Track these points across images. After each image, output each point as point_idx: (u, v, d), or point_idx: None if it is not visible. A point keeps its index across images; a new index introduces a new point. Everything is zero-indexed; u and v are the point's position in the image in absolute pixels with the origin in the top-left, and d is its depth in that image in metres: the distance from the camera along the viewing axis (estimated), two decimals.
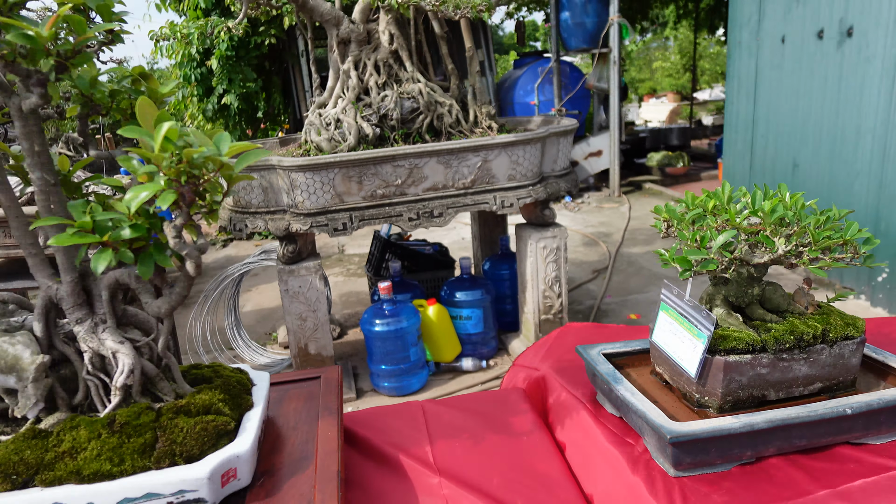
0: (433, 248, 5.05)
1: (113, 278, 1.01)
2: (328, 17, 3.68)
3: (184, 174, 0.81)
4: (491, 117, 3.90)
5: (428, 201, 3.67)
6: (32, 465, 0.95)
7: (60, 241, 0.85)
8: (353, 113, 3.67)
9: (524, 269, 4.10)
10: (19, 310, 1.10)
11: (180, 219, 0.86)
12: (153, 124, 0.83)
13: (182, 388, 1.08)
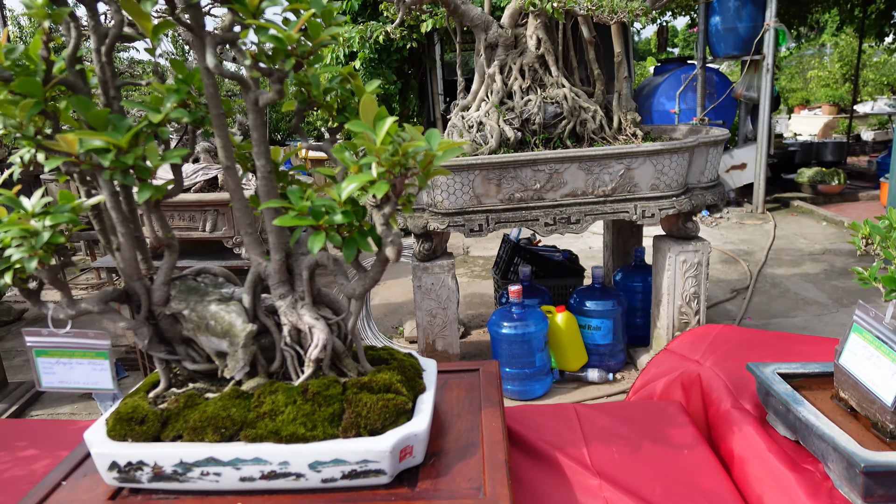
0: (563, 254, 5.01)
1: (313, 260, 1.10)
2: (478, 22, 3.76)
3: (398, 166, 0.87)
4: (636, 124, 3.80)
5: (566, 207, 3.64)
6: (237, 421, 1.06)
7: (283, 222, 0.94)
8: (496, 116, 3.73)
9: (660, 282, 3.96)
10: (227, 283, 1.23)
11: (389, 208, 0.93)
12: (373, 120, 0.90)
13: (364, 367, 1.16)
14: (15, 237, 0.93)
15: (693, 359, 1.51)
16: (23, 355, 4.97)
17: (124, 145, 0.88)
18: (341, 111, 1.10)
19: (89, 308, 1.05)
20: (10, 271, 1.00)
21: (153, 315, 1.12)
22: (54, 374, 1.16)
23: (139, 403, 1.11)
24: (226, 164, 1.03)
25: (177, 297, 1.12)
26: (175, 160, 0.90)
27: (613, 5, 2.81)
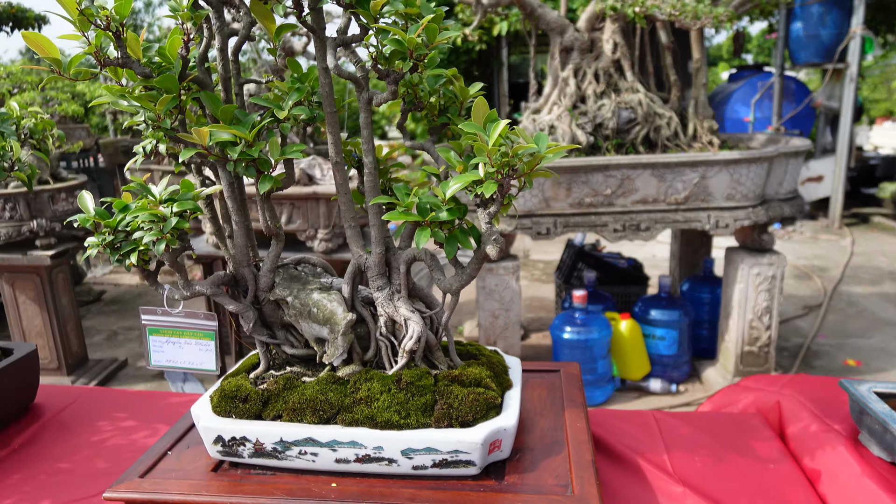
0: (628, 262, 4.94)
1: (411, 255, 1.14)
2: (554, 26, 3.75)
3: (507, 167, 0.90)
4: (713, 132, 3.72)
5: (636, 214, 3.60)
6: (335, 405, 1.11)
7: (393, 217, 0.99)
8: (569, 120, 3.71)
9: (731, 295, 3.85)
10: (324, 273, 1.29)
11: (494, 207, 0.96)
12: (484, 122, 0.93)
13: (454, 360, 1.19)
14: (144, 221, 1.01)
15: (770, 390, 1.48)
16: (102, 333, 5.25)
17: (250, 139, 0.94)
18: (443, 112, 1.14)
19: (203, 291, 1.12)
20: (136, 252, 1.07)
21: (258, 300, 1.18)
22: (163, 352, 1.24)
23: (241, 383, 1.17)
24: (335, 160, 1.08)
25: (281, 285, 1.18)
26: (296, 155, 0.96)
27: (697, 11, 2.77)
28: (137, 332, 5.27)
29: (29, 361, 1.57)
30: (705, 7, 2.83)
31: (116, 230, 1.07)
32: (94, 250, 1.06)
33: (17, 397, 1.57)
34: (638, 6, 2.90)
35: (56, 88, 4.77)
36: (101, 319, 5.56)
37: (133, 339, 5.13)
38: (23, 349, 1.57)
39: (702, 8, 2.80)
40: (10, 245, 3.57)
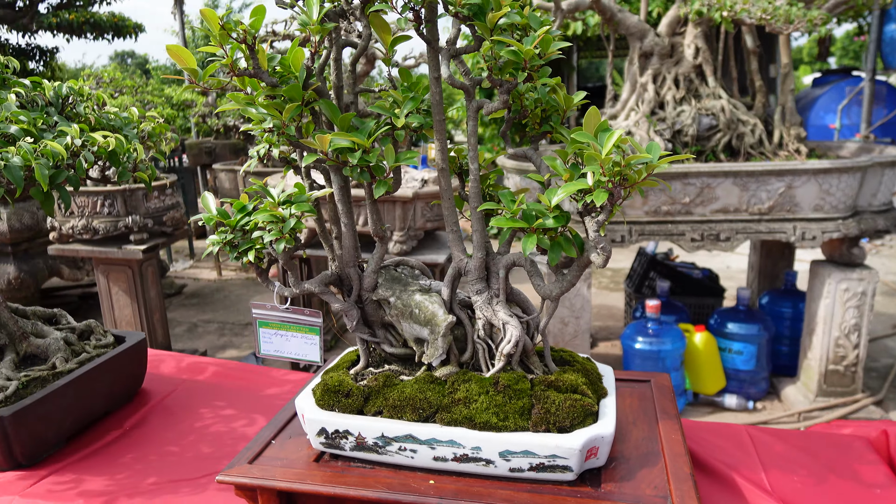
0: (703, 272, 4.80)
1: (510, 260, 1.17)
2: (634, 31, 3.70)
3: (618, 176, 0.91)
4: (800, 140, 3.58)
5: (715, 223, 3.50)
6: (434, 404, 1.15)
7: (500, 223, 1.01)
8: (646, 126, 3.66)
9: (815, 310, 3.70)
10: (421, 275, 1.32)
11: (603, 215, 0.97)
12: (595, 131, 0.94)
13: (549, 366, 1.21)
14: (265, 222, 1.07)
15: (872, 426, 1.42)
16: (183, 325, 5.51)
17: (368, 146, 0.98)
18: (545, 120, 1.15)
19: (311, 289, 1.18)
20: (253, 251, 1.14)
21: (361, 299, 1.23)
22: (271, 343, 1.31)
23: (343, 378, 1.22)
24: (441, 167, 1.11)
25: (383, 285, 1.22)
26: (411, 161, 1.00)
27: (790, 14, 2.67)
28: (216, 325, 5.51)
29: (139, 349, 1.68)
30: (798, 10, 2.74)
31: (235, 229, 1.14)
32: (216, 248, 1.13)
33: (128, 382, 1.68)
34: (726, 10, 2.83)
35: (147, 92, 5.05)
36: (182, 312, 5.83)
37: (211, 331, 5.37)
38: (134, 338, 1.68)
39: (795, 11, 2.71)
40: (106, 239, 3.80)
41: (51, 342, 1.57)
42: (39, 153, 1.20)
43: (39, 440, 1.41)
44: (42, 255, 4.58)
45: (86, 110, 1.46)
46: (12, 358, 1.51)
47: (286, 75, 1.07)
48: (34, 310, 1.71)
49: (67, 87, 1.46)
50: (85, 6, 5.22)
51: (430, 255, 3.40)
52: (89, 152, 1.28)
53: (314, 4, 0.94)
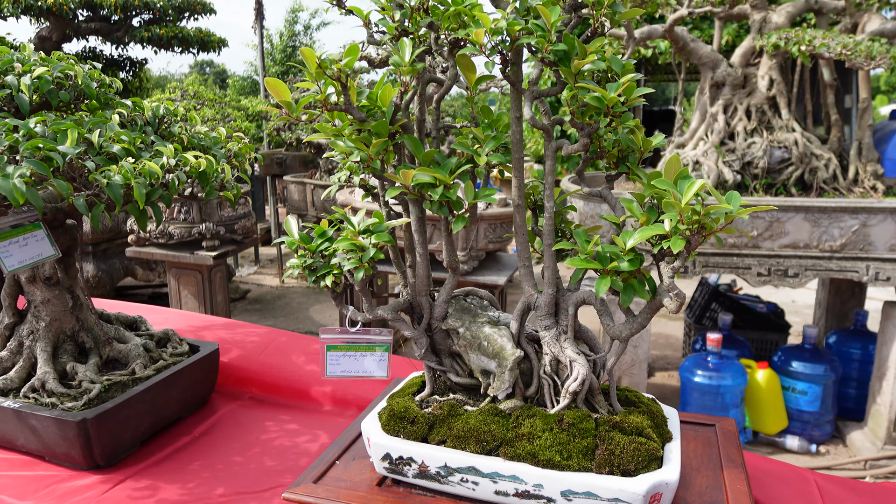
0: (767, 307, 4.65)
1: (581, 298, 1.17)
2: (706, 60, 3.65)
3: (696, 224, 0.91)
4: (877, 177, 3.45)
5: (784, 259, 3.39)
6: (497, 437, 1.16)
7: (574, 264, 1.02)
8: (715, 157, 3.58)
9: (887, 354, 3.53)
10: (490, 306, 1.34)
11: (679, 262, 0.97)
12: (675, 178, 0.94)
13: (615, 407, 1.20)
14: (346, 250, 1.11)
15: None
16: None
17: (449, 182, 1.01)
18: (622, 160, 1.16)
19: (384, 315, 1.21)
20: (331, 276, 1.18)
21: (430, 328, 1.26)
22: (338, 364, 1.35)
23: (409, 405, 1.25)
24: (517, 203, 1.13)
25: (453, 315, 1.24)
26: (490, 199, 1.02)
27: (872, 51, 2.59)
28: None
29: (212, 359, 1.76)
30: (881, 46, 2.64)
31: (315, 254, 1.19)
32: (296, 271, 1.18)
33: (200, 390, 1.76)
34: (804, 45, 2.76)
35: (226, 103, 5.28)
36: (245, 316, 6.02)
37: None
38: (207, 347, 1.76)
39: (877, 48, 2.62)
40: (180, 244, 3.98)
41: (131, 348, 1.66)
42: (138, 172, 1.28)
43: (117, 442, 1.49)
44: (119, 255, 4.83)
45: (179, 130, 1.55)
46: (96, 361, 1.61)
47: (374, 109, 1.11)
48: (118, 315, 1.82)
49: (164, 107, 1.56)
50: (174, 21, 5.54)
51: (490, 277, 3.41)
52: (182, 172, 1.36)
53: (406, 47, 0.98)
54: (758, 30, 3.61)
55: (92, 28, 5.83)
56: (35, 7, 5.16)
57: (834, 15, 3.73)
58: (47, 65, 1.47)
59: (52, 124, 1.31)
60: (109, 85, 1.63)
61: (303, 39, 14.84)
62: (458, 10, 0.97)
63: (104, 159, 1.32)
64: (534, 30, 0.96)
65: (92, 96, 1.57)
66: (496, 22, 0.94)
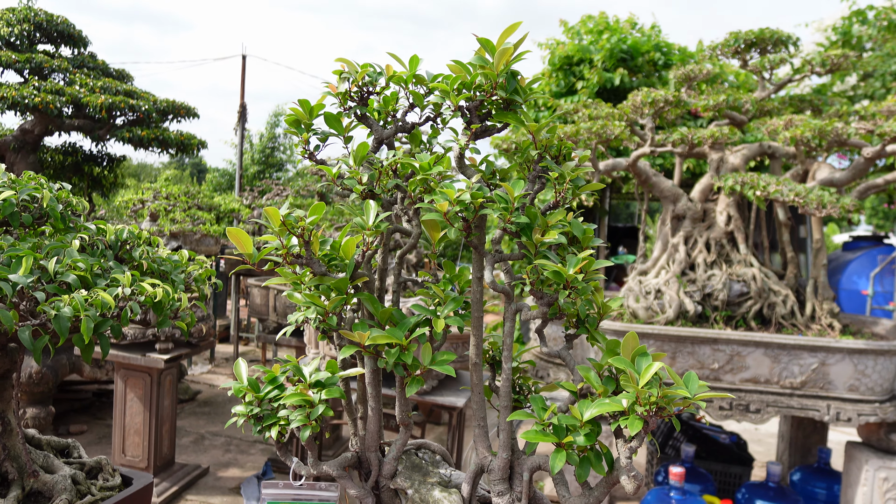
0: (730, 438, 4.60)
1: (536, 463, 1.13)
2: (668, 194, 3.82)
3: (654, 406, 0.90)
4: (833, 315, 3.55)
5: (745, 393, 3.40)
6: None
7: (531, 438, 0.99)
8: (677, 287, 3.67)
9: (851, 497, 3.48)
10: (442, 462, 1.29)
11: (636, 442, 0.95)
12: (632, 356, 0.94)
13: None
14: (294, 404, 1.07)
15: None
16: (190, 435, 5.40)
17: (405, 343, 1.00)
18: (581, 323, 1.16)
19: (329, 471, 1.15)
20: (276, 427, 1.13)
21: (378, 486, 1.20)
22: None
23: None
24: (474, 362, 1.12)
25: (402, 474, 1.19)
26: (445, 369, 1.00)
27: (823, 200, 2.74)
28: (223, 438, 5.38)
29: (144, 494, 1.64)
30: (831, 196, 2.80)
31: (263, 402, 1.14)
32: (241, 420, 1.13)
33: None
34: (759, 190, 2.92)
35: (198, 200, 5.29)
36: (192, 420, 5.73)
37: (218, 445, 5.24)
38: (141, 481, 1.65)
39: (827, 197, 2.77)
40: (132, 345, 3.83)
41: (58, 479, 1.54)
42: (90, 303, 1.24)
43: None
44: (66, 351, 4.63)
45: (140, 254, 1.52)
46: (17, 495, 1.48)
47: (335, 259, 1.11)
48: (49, 440, 1.70)
49: (128, 231, 1.54)
50: (157, 123, 5.68)
51: (450, 398, 3.34)
52: (136, 303, 1.32)
53: (371, 209, 1.00)
54: (715, 169, 3.82)
55: (75, 125, 5.92)
56: (21, 104, 5.24)
57: (786, 159, 3.98)
58: (15, 188, 1.46)
59: (7, 250, 1.27)
60: (76, 205, 1.61)
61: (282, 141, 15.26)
62: (424, 177, 0.99)
63: (56, 287, 1.28)
64: (497, 201, 0.99)
65: (56, 218, 1.55)
66: (461, 192, 0.96)
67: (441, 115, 1.16)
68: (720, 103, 3.69)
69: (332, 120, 1.16)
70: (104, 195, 6.75)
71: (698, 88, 4.51)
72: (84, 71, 6.09)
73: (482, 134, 1.08)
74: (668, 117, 4.41)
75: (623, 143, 4.12)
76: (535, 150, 1.05)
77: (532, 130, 1.00)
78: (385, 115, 1.20)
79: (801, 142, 3.17)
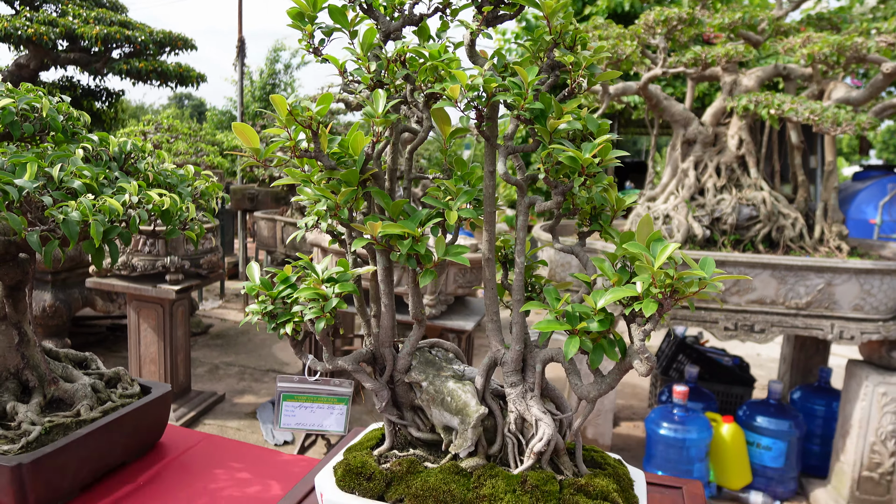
0: (733, 360, 4.68)
1: (549, 355, 1.15)
2: (678, 118, 3.74)
3: (669, 288, 0.90)
4: (842, 237, 3.53)
5: (750, 314, 3.43)
6: (457, 498, 1.11)
7: (543, 327, 1.00)
8: (686, 211, 3.64)
9: (850, 412, 3.56)
10: (455, 359, 1.31)
11: (650, 325, 0.96)
12: (647, 241, 0.94)
13: (580, 468, 1.17)
14: (307, 298, 1.07)
15: None
16: (205, 366, 5.52)
17: (417, 235, 0.99)
18: (595, 218, 1.15)
19: (344, 366, 1.17)
20: (291, 324, 1.14)
21: (393, 380, 1.22)
22: (293, 416, 1.30)
23: (366, 459, 1.19)
24: (487, 257, 1.12)
25: (417, 368, 1.21)
26: (459, 258, 1.00)
27: (839, 118, 2.68)
28: (237, 367, 5.51)
29: (163, 401, 1.68)
30: (847, 114, 2.74)
31: (276, 300, 1.15)
32: (255, 317, 1.14)
33: (148, 435, 1.68)
34: (773, 108, 2.85)
35: (201, 137, 5.24)
36: (206, 352, 5.86)
37: (232, 374, 5.36)
38: (159, 389, 1.68)
39: (843, 115, 2.71)
40: (143, 277, 3.87)
41: (78, 388, 1.58)
42: (98, 209, 1.23)
43: (54, 489, 1.40)
44: (79, 285, 4.68)
45: (145, 167, 1.51)
46: (38, 401, 1.52)
47: (344, 157, 1.09)
48: (66, 352, 1.73)
49: (132, 143, 1.52)
50: (154, 56, 5.53)
51: (458, 322, 3.38)
52: (144, 210, 1.32)
53: (380, 98, 0.97)
54: (728, 91, 3.73)
55: (71, 58, 5.79)
56: (15, 36, 5.10)
57: (801, 81, 3.87)
58: (13, 96, 1.43)
59: (11, 157, 1.26)
60: (77, 118, 1.59)
61: (283, 77, 14.94)
62: (434, 64, 0.96)
63: (63, 194, 1.27)
64: (510, 87, 0.96)
65: (57, 129, 1.52)
66: (472, 78, 0.93)
67: (450, 5, 1.11)
68: (735, 21, 3.57)
69: (337, 13, 1.11)
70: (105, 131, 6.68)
71: (713, 7, 4.35)
72: (76, 1, 5.91)
73: (494, 20, 1.04)
74: (680, 39, 4.27)
75: (633, 68, 4.01)
76: (549, 35, 1.02)
77: (546, 12, 0.96)
78: (392, 7, 1.16)
79: (819, 59, 3.07)
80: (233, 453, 1.74)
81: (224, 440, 1.81)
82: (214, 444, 1.77)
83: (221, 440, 1.80)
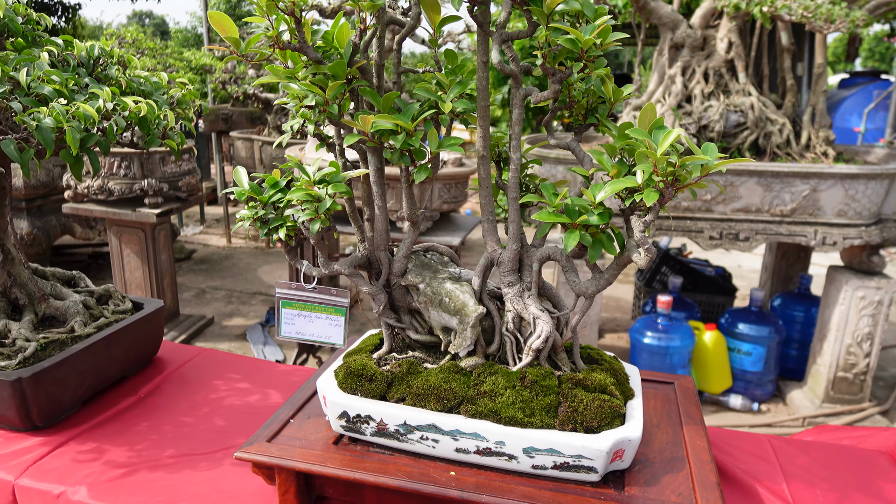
0: (716, 270, 4.76)
1: (545, 253, 1.14)
2: (666, 20, 3.63)
3: (671, 176, 0.88)
4: (828, 143, 3.52)
5: (736, 223, 3.46)
6: (458, 395, 1.13)
7: (543, 217, 0.98)
8: (672, 119, 3.59)
9: (829, 316, 3.66)
10: (451, 262, 1.30)
11: (651, 215, 0.94)
12: (650, 128, 0.91)
13: (578, 364, 1.19)
14: (299, 201, 1.04)
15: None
16: (191, 290, 5.52)
17: (411, 128, 0.95)
18: (590, 112, 1.12)
19: (340, 270, 1.15)
20: (284, 228, 1.12)
21: (389, 284, 1.21)
22: (293, 324, 1.29)
23: (366, 362, 1.20)
24: (482, 154, 1.08)
25: (413, 271, 1.20)
26: (454, 148, 0.97)
27: (832, 14, 2.60)
28: (224, 291, 5.51)
29: (156, 316, 1.67)
30: (841, 10, 2.66)
31: (267, 205, 1.12)
32: (247, 223, 1.11)
33: (145, 349, 1.68)
34: (766, 6, 2.76)
35: (167, 54, 5.00)
36: (191, 277, 5.84)
37: (219, 298, 5.37)
38: (152, 305, 1.67)
39: (837, 11, 2.63)
40: (121, 201, 3.79)
41: (70, 305, 1.56)
42: (71, 115, 1.17)
43: (56, 403, 1.41)
44: (56, 212, 4.58)
45: (116, 73, 1.43)
46: (31, 319, 1.50)
47: (330, 51, 1.04)
48: (53, 271, 1.70)
49: (99, 47, 1.43)
50: None
51: (444, 237, 3.37)
52: (120, 117, 1.25)
53: None
54: None
55: None
56: None
57: None
58: None
59: None
60: (37, 22, 1.49)
61: None
62: None
63: (33, 101, 1.20)
64: None
65: (17, 33, 1.43)
66: None
67: None
68: None
69: None
70: None
71: None
72: None
73: None
74: None
75: None
76: None
77: None
78: None
79: None
80: (230, 365, 1.75)
81: (221, 353, 1.81)
82: (211, 357, 1.78)
83: (218, 353, 1.81)
